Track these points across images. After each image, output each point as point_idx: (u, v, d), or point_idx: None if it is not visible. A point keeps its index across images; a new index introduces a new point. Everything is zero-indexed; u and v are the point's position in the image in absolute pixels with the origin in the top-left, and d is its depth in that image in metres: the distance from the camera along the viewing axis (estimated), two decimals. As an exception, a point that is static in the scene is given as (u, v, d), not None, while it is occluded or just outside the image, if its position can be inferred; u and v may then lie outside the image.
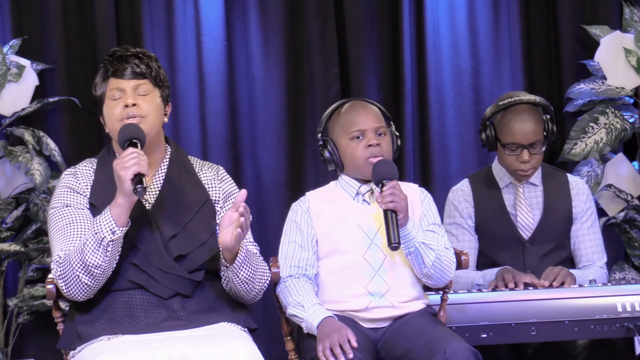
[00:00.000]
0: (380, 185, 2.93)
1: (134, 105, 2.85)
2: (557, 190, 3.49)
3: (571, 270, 3.35)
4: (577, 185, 3.53)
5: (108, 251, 2.72)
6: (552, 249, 3.45)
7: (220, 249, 2.84)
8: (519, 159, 3.39)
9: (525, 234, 3.45)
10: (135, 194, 2.69)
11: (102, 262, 2.72)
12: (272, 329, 4.28)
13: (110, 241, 2.72)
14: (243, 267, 2.84)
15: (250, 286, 2.88)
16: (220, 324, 2.84)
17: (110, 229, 2.72)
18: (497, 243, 3.46)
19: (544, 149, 3.43)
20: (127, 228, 2.76)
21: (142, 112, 2.86)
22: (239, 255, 2.82)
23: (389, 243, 2.85)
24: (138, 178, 2.69)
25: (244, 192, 2.78)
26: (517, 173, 3.42)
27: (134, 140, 2.78)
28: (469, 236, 3.48)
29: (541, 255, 3.43)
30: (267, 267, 2.98)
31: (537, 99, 3.44)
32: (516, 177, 3.46)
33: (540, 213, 3.46)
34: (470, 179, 3.57)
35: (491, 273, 3.33)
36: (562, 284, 3.23)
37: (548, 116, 3.44)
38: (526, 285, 3.22)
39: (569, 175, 3.57)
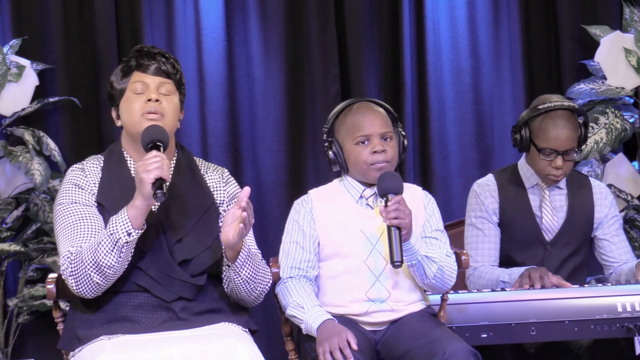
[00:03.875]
0: (384, 199, 2.92)
1: (157, 101, 2.83)
2: (581, 194, 3.49)
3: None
4: (601, 189, 3.52)
5: (122, 252, 2.71)
6: (571, 253, 3.45)
7: (223, 247, 2.83)
8: (552, 164, 3.37)
9: (548, 236, 3.44)
10: (155, 198, 2.67)
11: (115, 262, 2.71)
12: (272, 329, 4.28)
13: (125, 242, 2.70)
14: (245, 266, 2.83)
15: (252, 286, 2.88)
16: (221, 324, 2.83)
17: (127, 231, 2.70)
18: (518, 242, 3.45)
19: (576, 156, 3.42)
20: (142, 231, 2.74)
21: (164, 110, 2.84)
22: (241, 253, 2.81)
23: (392, 261, 2.82)
24: (159, 183, 2.66)
25: (247, 189, 2.76)
26: (548, 178, 3.41)
27: (158, 143, 2.76)
28: (495, 230, 3.46)
29: (561, 259, 3.43)
30: (269, 270, 2.97)
31: (575, 105, 3.43)
32: (546, 181, 3.45)
33: (565, 216, 3.45)
34: (495, 175, 3.55)
35: (518, 271, 3.31)
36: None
37: (581, 120, 3.42)
38: (554, 286, 3.21)
39: (591, 179, 3.57)
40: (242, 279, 2.84)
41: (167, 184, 2.71)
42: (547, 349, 3.31)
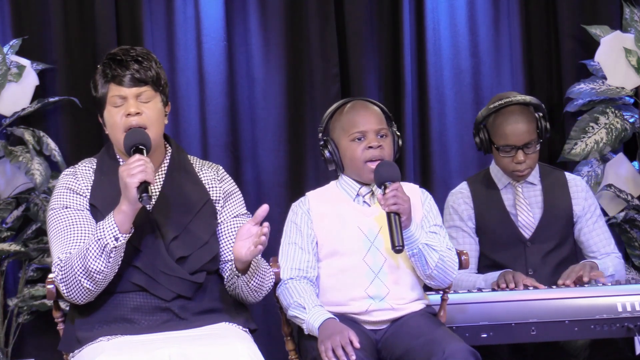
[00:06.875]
0: (382, 187, 2.91)
1: (137, 114, 2.81)
2: (556, 188, 3.51)
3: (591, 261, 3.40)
4: (576, 183, 3.54)
5: (111, 257, 2.71)
6: (553, 248, 3.46)
7: (233, 259, 2.82)
8: (514, 160, 3.41)
9: (527, 233, 3.46)
10: (140, 202, 2.67)
11: (104, 268, 2.71)
12: (273, 329, 4.28)
13: (113, 247, 2.70)
14: (254, 276, 2.84)
15: (258, 293, 2.90)
16: (221, 324, 2.84)
17: (114, 236, 2.70)
18: (498, 244, 3.46)
19: (538, 147, 3.45)
20: (130, 235, 2.74)
21: (146, 121, 2.82)
22: (251, 265, 2.81)
23: (393, 246, 2.83)
24: (144, 186, 2.67)
25: (265, 207, 2.77)
26: (514, 174, 3.44)
27: (140, 147, 2.76)
28: (469, 238, 3.48)
29: (542, 254, 3.44)
30: (272, 272, 2.98)
31: (527, 98, 3.45)
32: (513, 178, 3.48)
33: (541, 212, 3.47)
34: (469, 181, 3.59)
35: (493, 276, 3.33)
36: (584, 281, 3.24)
37: (540, 114, 3.45)
38: (525, 287, 3.23)
39: (566, 173, 3.59)
40: (250, 288, 2.86)
41: (152, 186, 2.71)
42: (545, 349, 3.32)
